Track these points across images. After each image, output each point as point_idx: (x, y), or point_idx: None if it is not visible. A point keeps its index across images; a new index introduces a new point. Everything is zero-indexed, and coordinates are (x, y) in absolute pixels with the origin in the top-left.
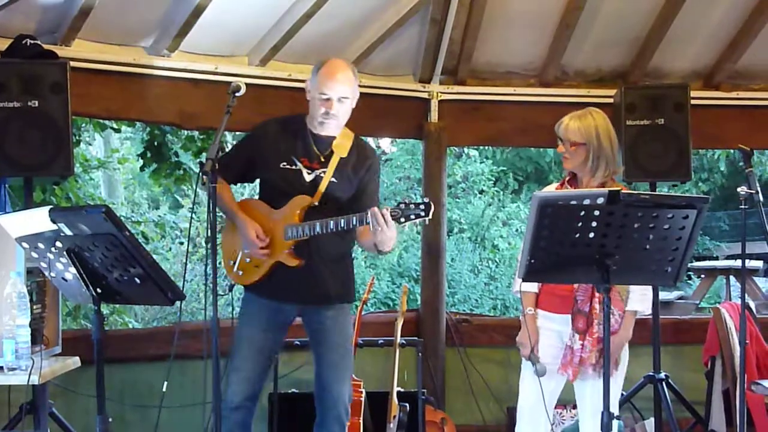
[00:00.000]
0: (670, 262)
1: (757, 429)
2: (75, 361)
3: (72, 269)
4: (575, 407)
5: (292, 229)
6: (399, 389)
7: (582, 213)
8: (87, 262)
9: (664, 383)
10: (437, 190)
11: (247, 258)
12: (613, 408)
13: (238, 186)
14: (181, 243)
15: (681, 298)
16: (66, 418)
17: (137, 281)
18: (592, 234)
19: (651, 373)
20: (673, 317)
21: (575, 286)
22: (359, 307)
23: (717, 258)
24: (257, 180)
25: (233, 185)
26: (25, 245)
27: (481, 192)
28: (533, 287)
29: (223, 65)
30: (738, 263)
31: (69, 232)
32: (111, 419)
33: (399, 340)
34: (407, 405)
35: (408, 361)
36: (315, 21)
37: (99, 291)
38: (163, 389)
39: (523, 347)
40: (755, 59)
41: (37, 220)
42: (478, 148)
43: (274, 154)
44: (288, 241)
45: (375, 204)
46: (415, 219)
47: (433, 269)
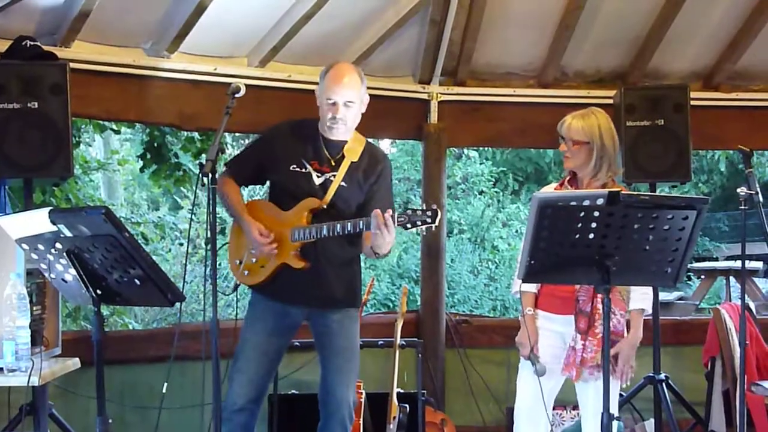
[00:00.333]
0: (669, 262)
1: (757, 430)
2: (75, 363)
3: (72, 270)
4: (575, 408)
5: (298, 231)
6: (399, 390)
7: (582, 214)
8: (87, 263)
9: (664, 384)
10: (437, 191)
11: (253, 258)
12: (613, 409)
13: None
14: (181, 244)
15: (681, 298)
16: (66, 419)
17: (137, 282)
18: (591, 235)
19: (651, 374)
20: (673, 318)
21: (577, 286)
22: (359, 308)
23: (717, 259)
24: (267, 182)
25: (244, 187)
26: (25, 246)
27: (481, 193)
28: (532, 287)
29: (223, 66)
30: (738, 264)
31: (69, 233)
32: (111, 420)
33: (399, 341)
34: (407, 406)
35: (408, 362)
36: (314, 22)
37: (99, 292)
38: (163, 390)
39: (523, 347)
40: (755, 60)
41: (37, 221)
42: (477, 149)
43: (284, 156)
44: (295, 243)
45: (389, 208)
46: (422, 226)
47: (433, 270)
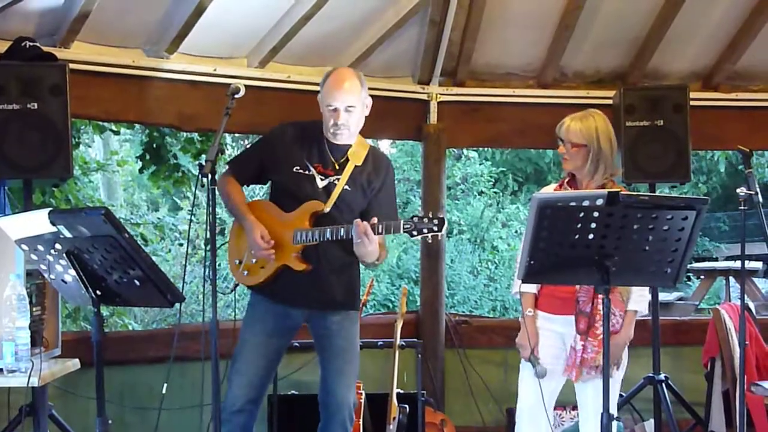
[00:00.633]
0: (669, 263)
1: (757, 430)
2: (75, 363)
3: (71, 271)
4: (575, 408)
5: (301, 234)
6: (399, 391)
7: (581, 214)
8: (86, 264)
9: (663, 384)
10: (436, 191)
11: (253, 259)
12: (612, 409)
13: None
14: (181, 245)
15: (680, 299)
16: (66, 420)
17: (137, 283)
18: (591, 235)
19: (651, 375)
20: (673, 318)
21: (577, 287)
22: (359, 310)
23: (716, 259)
24: (269, 182)
25: (246, 186)
26: (25, 247)
27: (481, 193)
28: (532, 288)
29: (222, 67)
30: (737, 264)
31: (68, 234)
32: (111, 421)
33: (398, 341)
34: (407, 406)
35: (407, 363)
36: (314, 23)
37: (98, 293)
38: (163, 391)
39: (523, 349)
40: (754, 60)
41: (37, 222)
42: (477, 149)
43: (288, 157)
44: (296, 245)
45: (393, 214)
46: (428, 234)
47: (433, 270)
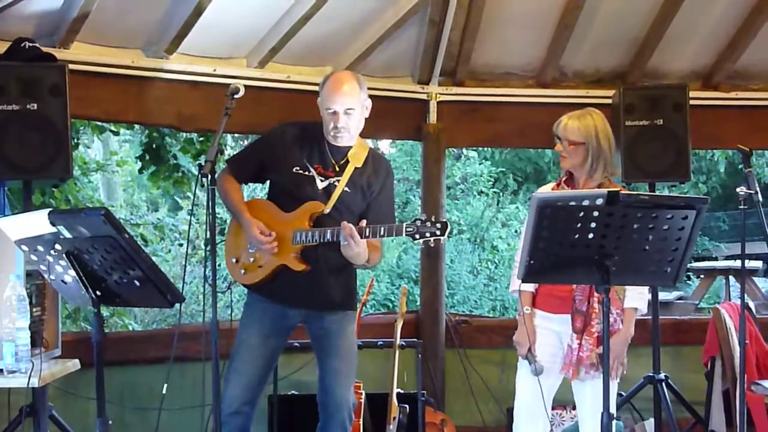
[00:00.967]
0: (669, 262)
1: (757, 429)
2: (75, 364)
3: (71, 272)
4: (575, 408)
5: (300, 234)
6: (399, 391)
7: (581, 214)
8: (86, 264)
9: (663, 384)
10: (436, 191)
11: (251, 258)
12: (611, 408)
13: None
14: (180, 245)
15: (680, 298)
16: (66, 420)
17: (137, 283)
18: (591, 235)
19: (651, 374)
20: (673, 318)
21: (573, 286)
22: (358, 309)
23: (716, 258)
24: (268, 181)
25: (244, 184)
26: (25, 248)
27: (480, 193)
28: (530, 287)
29: (222, 67)
30: (737, 263)
31: (68, 234)
32: (111, 422)
33: (398, 341)
34: (407, 406)
35: (407, 363)
36: (313, 23)
37: (98, 293)
38: (163, 391)
39: (520, 346)
40: (754, 59)
41: (37, 222)
42: (476, 149)
43: (287, 157)
44: (296, 246)
45: (390, 217)
46: (430, 238)
47: (433, 270)
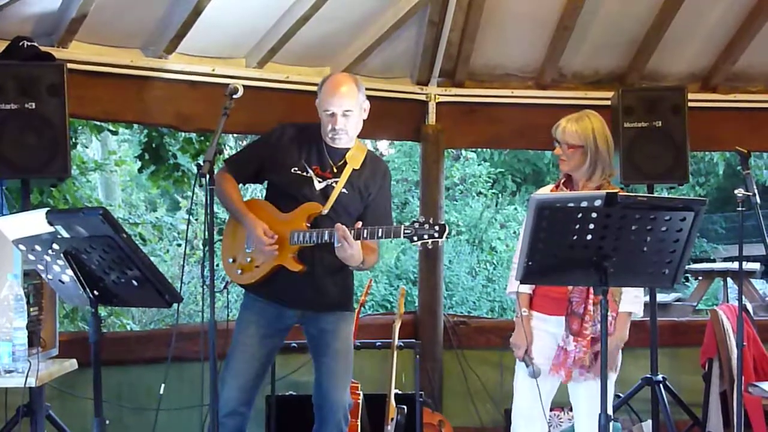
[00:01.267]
0: (667, 264)
1: (755, 431)
2: (72, 364)
3: (69, 271)
4: (572, 409)
5: (298, 235)
6: (397, 391)
7: (579, 215)
8: (84, 264)
9: (661, 385)
10: (435, 192)
11: (248, 258)
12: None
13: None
14: (179, 245)
15: (678, 300)
16: (63, 420)
17: (134, 283)
18: (589, 236)
19: (648, 376)
20: (671, 319)
21: (569, 287)
22: (357, 310)
23: (714, 260)
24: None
25: (242, 185)
26: (22, 247)
27: (479, 194)
28: (527, 288)
29: (221, 67)
30: (735, 265)
31: (66, 234)
32: (108, 422)
33: (396, 342)
34: (405, 407)
35: (405, 364)
36: (312, 23)
37: (96, 293)
38: (161, 392)
39: (518, 348)
40: (753, 61)
41: (34, 222)
42: (475, 150)
43: (287, 158)
44: (293, 246)
45: (387, 219)
46: (428, 240)
47: (431, 271)
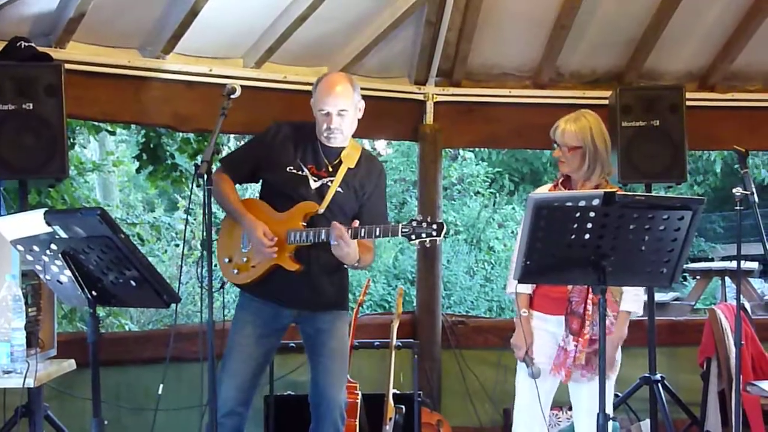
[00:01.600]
0: (665, 263)
1: (753, 430)
2: (70, 364)
3: (67, 272)
4: (571, 408)
5: (295, 234)
6: (395, 391)
7: (577, 214)
8: (82, 264)
9: (659, 384)
10: (433, 192)
11: (244, 257)
12: (608, 409)
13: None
14: (177, 245)
15: (676, 299)
16: (61, 421)
17: (133, 284)
18: (587, 235)
19: (647, 375)
20: (669, 318)
21: (569, 287)
22: (355, 310)
23: (712, 259)
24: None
25: (238, 184)
26: (20, 248)
27: (477, 194)
28: (527, 289)
29: (218, 67)
30: (733, 264)
31: (64, 234)
32: (106, 422)
33: (395, 342)
34: (403, 407)
35: (404, 363)
36: (310, 23)
37: (94, 294)
38: (159, 392)
39: (518, 349)
40: (750, 60)
41: (32, 222)
42: (473, 149)
43: (282, 157)
44: (290, 245)
45: (383, 218)
46: (426, 239)
47: (429, 271)
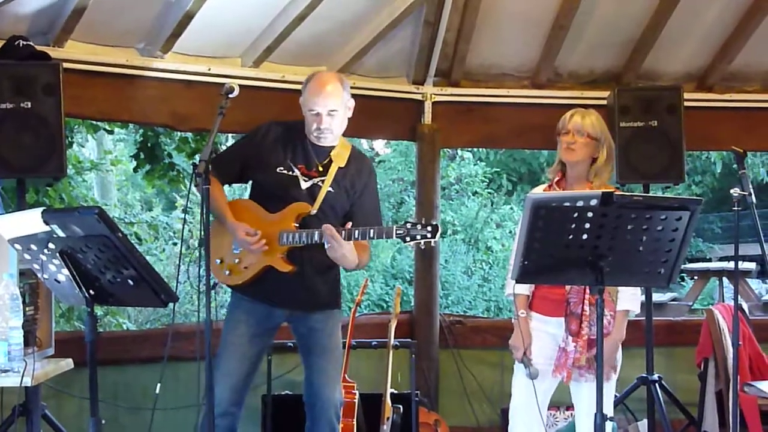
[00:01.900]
0: (663, 263)
1: (750, 430)
2: (68, 363)
3: (65, 271)
4: (569, 408)
5: (288, 236)
6: (392, 391)
7: (575, 214)
8: (80, 263)
9: (657, 385)
10: (431, 191)
11: (236, 259)
12: (608, 409)
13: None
14: (175, 244)
15: (674, 299)
16: (59, 420)
17: (130, 283)
18: (585, 235)
19: (644, 375)
20: (667, 319)
21: (567, 288)
22: (353, 309)
23: (710, 260)
24: (250, 181)
25: (227, 186)
26: (18, 247)
27: (475, 194)
28: (526, 290)
29: (216, 67)
30: (731, 265)
31: (62, 233)
32: (104, 421)
33: (392, 341)
34: (401, 407)
35: (401, 363)
36: (308, 23)
37: (92, 293)
38: (156, 391)
39: (516, 350)
40: (749, 61)
41: (30, 221)
42: (471, 149)
43: (272, 157)
44: (282, 247)
45: (375, 217)
46: (421, 240)
47: (427, 271)
